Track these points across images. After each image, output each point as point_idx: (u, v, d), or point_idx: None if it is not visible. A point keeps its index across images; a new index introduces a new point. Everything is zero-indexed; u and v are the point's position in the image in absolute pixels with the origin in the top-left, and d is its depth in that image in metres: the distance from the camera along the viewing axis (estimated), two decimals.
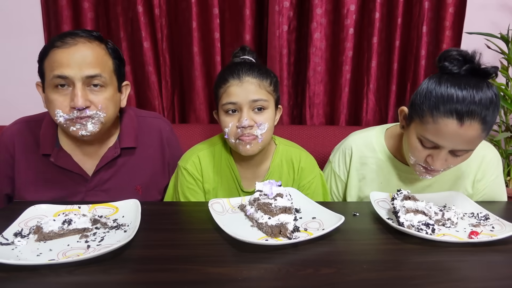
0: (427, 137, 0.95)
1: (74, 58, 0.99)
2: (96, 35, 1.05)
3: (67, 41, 1.00)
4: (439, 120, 0.92)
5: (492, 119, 0.92)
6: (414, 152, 1.01)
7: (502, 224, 0.90)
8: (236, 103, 1.03)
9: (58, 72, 0.98)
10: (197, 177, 1.15)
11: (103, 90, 1.03)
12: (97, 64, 1.01)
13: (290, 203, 0.89)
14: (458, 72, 0.94)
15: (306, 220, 0.91)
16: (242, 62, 1.09)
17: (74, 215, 0.84)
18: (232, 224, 0.86)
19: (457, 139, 0.92)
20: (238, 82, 1.04)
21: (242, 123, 1.03)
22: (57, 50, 0.99)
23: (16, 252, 0.73)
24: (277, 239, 0.81)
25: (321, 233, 0.81)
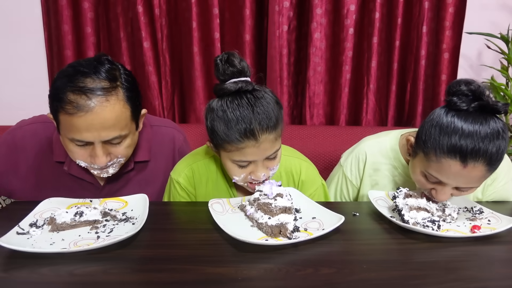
0: (430, 173, 0.93)
1: (91, 125, 0.89)
2: (110, 78, 0.91)
3: (81, 106, 0.87)
4: (442, 160, 0.89)
5: (501, 157, 0.89)
6: (418, 183, 1.00)
7: (497, 217, 0.93)
8: (251, 160, 0.94)
9: (76, 137, 0.90)
10: (190, 191, 1.10)
11: (123, 141, 0.97)
12: (116, 125, 0.92)
13: (290, 203, 0.89)
14: (466, 109, 0.90)
15: (306, 220, 0.91)
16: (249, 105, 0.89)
17: (85, 208, 0.89)
18: (232, 224, 0.86)
19: (461, 179, 0.90)
20: (255, 143, 0.89)
21: (259, 178, 0.95)
22: (71, 117, 0.88)
23: (31, 241, 0.79)
24: (277, 239, 0.81)
25: (321, 233, 0.81)
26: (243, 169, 0.96)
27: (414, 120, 1.90)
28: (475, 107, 0.89)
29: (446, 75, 1.84)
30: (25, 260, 0.72)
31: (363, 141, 1.23)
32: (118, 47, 1.78)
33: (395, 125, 1.93)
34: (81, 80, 0.88)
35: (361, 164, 1.19)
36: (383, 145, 1.18)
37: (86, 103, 0.87)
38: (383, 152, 1.18)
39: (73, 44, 1.78)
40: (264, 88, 0.95)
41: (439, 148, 0.89)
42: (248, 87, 0.91)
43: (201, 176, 1.10)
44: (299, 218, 0.92)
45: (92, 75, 0.90)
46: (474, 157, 0.86)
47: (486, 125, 0.87)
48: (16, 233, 0.80)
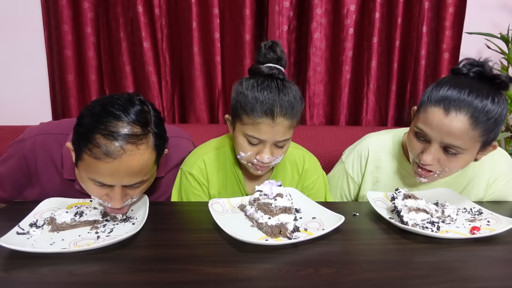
0: (418, 126, 0.96)
1: (117, 172, 0.84)
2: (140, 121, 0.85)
3: (111, 153, 0.81)
4: (428, 108, 0.94)
5: (487, 117, 0.89)
6: (410, 146, 1.02)
7: (496, 218, 0.93)
8: (262, 140, 0.98)
9: (98, 179, 0.85)
10: (203, 183, 1.12)
11: (142, 185, 0.93)
12: (140, 172, 0.88)
13: (290, 203, 0.89)
14: (466, 73, 0.94)
15: (306, 220, 0.91)
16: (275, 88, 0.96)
17: (85, 208, 0.90)
18: (232, 224, 0.86)
19: (443, 130, 0.91)
20: (271, 122, 0.95)
21: (263, 159, 0.99)
22: (99, 162, 0.82)
23: (31, 241, 0.79)
24: (277, 239, 0.81)
25: (321, 233, 0.81)
26: (252, 146, 1.00)
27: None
28: (475, 72, 0.93)
29: (446, 75, 1.83)
30: (25, 260, 0.72)
31: (366, 138, 1.23)
32: (118, 47, 1.78)
33: (395, 125, 1.93)
34: (112, 123, 0.82)
35: (363, 160, 1.19)
36: (386, 142, 1.18)
37: (116, 149, 0.81)
38: (386, 149, 1.18)
39: (73, 44, 1.78)
40: (293, 83, 1.02)
41: (427, 100, 0.94)
42: (279, 75, 0.99)
43: (212, 167, 1.13)
44: (299, 218, 0.92)
45: (124, 118, 0.83)
46: (456, 107, 0.89)
47: (477, 87, 0.90)
48: (16, 233, 0.80)
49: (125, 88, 1.82)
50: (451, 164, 0.96)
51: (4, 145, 1.60)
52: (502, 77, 0.90)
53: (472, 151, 0.94)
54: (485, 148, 0.97)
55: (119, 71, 1.80)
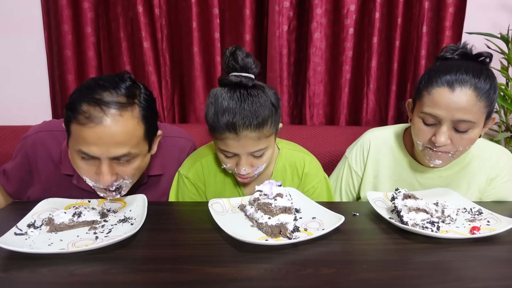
0: (425, 111, 0.99)
1: (101, 139, 0.85)
2: (129, 94, 0.88)
3: (94, 117, 0.83)
4: (433, 91, 0.98)
5: (486, 88, 0.95)
6: (419, 134, 1.04)
7: (496, 218, 0.93)
8: (234, 153, 0.97)
9: (84, 149, 0.86)
10: (199, 186, 1.11)
11: (132, 161, 0.92)
12: (126, 141, 0.88)
13: (290, 203, 0.89)
14: (451, 57, 1.03)
15: (306, 220, 0.91)
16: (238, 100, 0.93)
17: (84, 208, 0.89)
18: (232, 224, 0.86)
19: (452, 107, 0.95)
20: (235, 137, 0.93)
21: (240, 171, 0.99)
22: (83, 128, 0.84)
23: (29, 242, 0.79)
24: (277, 239, 0.81)
25: (321, 233, 0.81)
26: (229, 159, 1.00)
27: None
28: (459, 54, 1.02)
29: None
30: (25, 261, 0.72)
31: (368, 132, 1.26)
32: (118, 47, 1.78)
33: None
34: (98, 93, 0.85)
35: (365, 152, 1.22)
36: (387, 136, 1.21)
37: (98, 115, 0.84)
38: (387, 143, 1.20)
39: (73, 44, 1.78)
40: (266, 88, 0.98)
41: (429, 83, 0.99)
42: (247, 83, 0.94)
43: (210, 170, 1.12)
44: (299, 218, 0.92)
45: (111, 90, 0.86)
46: (460, 83, 0.95)
47: (470, 65, 0.98)
48: (14, 234, 0.80)
49: None
50: (463, 141, 0.99)
51: (4, 145, 1.60)
52: (484, 54, 1.01)
53: (480, 124, 0.99)
54: (487, 120, 1.01)
55: (119, 71, 1.79)
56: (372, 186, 1.21)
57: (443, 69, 0.98)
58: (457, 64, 0.99)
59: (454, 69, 0.97)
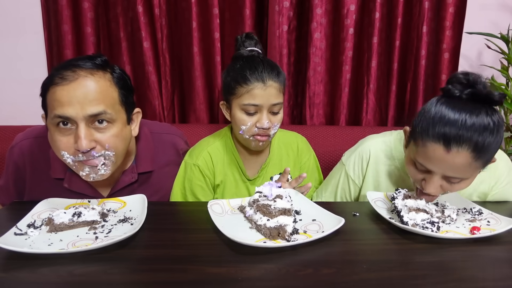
0: (418, 159, 0.93)
1: (74, 96, 0.88)
2: (100, 63, 0.95)
3: (66, 76, 0.89)
4: (427, 144, 0.89)
5: (488, 148, 0.86)
6: (409, 173, 0.99)
7: (496, 218, 0.92)
8: (258, 105, 1.08)
9: (59, 112, 0.88)
10: (207, 175, 1.17)
11: (110, 127, 0.93)
12: (100, 99, 0.90)
13: (290, 205, 0.88)
14: (459, 95, 0.89)
15: (306, 222, 0.91)
16: (260, 60, 1.12)
17: (83, 208, 0.89)
18: (231, 226, 0.86)
19: (445, 165, 0.88)
20: (263, 85, 1.07)
21: (263, 124, 1.09)
22: (56, 88, 0.89)
23: (29, 242, 0.79)
24: (276, 241, 0.81)
25: (320, 236, 0.81)
26: (250, 117, 1.10)
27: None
28: (468, 94, 0.88)
29: (446, 75, 1.83)
30: (25, 260, 0.72)
31: (367, 140, 1.21)
32: (118, 47, 1.78)
33: (395, 125, 1.92)
34: (72, 61, 0.94)
35: (364, 163, 1.18)
36: (387, 145, 1.17)
37: (71, 74, 0.90)
38: (388, 152, 1.16)
39: (73, 44, 1.78)
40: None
41: (425, 133, 0.89)
42: (260, 55, 1.15)
43: (217, 157, 1.20)
44: (299, 220, 0.92)
45: (86, 59, 0.94)
46: (457, 143, 0.85)
47: (475, 115, 0.85)
48: (14, 234, 0.80)
49: None
50: (454, 188, 0.94)
51: (4, 145, 1.60)
52: (495, 97, 0.87)
53: (474, 176, 0.93)
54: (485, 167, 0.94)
55: None
56: None
57: (443, 118, 0.87)
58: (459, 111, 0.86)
59: (454, 123, 0.85)
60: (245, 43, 1.18)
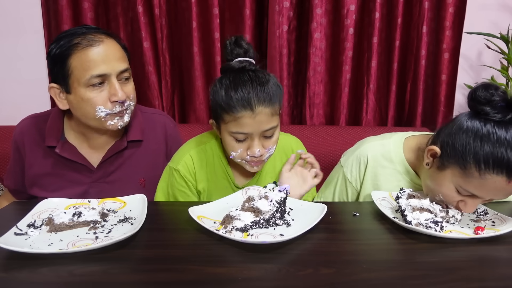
0: (468, 189, 0.88)
1: (106, 55, 1.00)
2: (107, 32, 1.06)
3: (92, 39, 1.00)
4: (487, 176, 0.84)
5: None
6: (446, 197, 0.94)
7: (501, 218, 0.91)
8: (248, 133, 0.98)
9: (96, 71, 0.99)
10: (189, 179, 1.10)
11: (130, 81, 1.08)
12: (123, 58, 1.06)
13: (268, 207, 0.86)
14: (501, 120, 0.84)
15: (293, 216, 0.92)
16: (248, 80, 0.96)
17: (84, 208, 0.89)
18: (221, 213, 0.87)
19: (502, 193, 0.87)
20: (251, 114, 0.94)
21: (254, 153, 0.99)
22: (88, 50, 0.99)
23: (29, 242, 0.78)
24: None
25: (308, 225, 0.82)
26: (240, 143, 0.99)
27: (414, 121, 1.90)
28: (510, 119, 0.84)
29: (446, 75, 1.84)
30: (25, 260, 0.72)
31: (365, 142, 1.19)
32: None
33: (395, 125, 1.93)
34: (83, 29, 1.02)
35: (362, 166, 1.15)
36: (386, 148, 1.14)
37: (96, 37, 1.00)
38: (386, 155, 1.13)
39: None
40: (266, 72, 1.02)
41: (484, 164, 0.83)
42: (251, 67, 0.99)
43: (200, 162, 1.12)
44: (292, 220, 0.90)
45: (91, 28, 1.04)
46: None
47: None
48: (14, 234, 0.80)
49: None
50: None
51: (4, 145, 1.60)
52: None
53: None
54: None
55: None
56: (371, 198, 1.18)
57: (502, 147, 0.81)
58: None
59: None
60: (234, 52, 1.01)
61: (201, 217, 0.87)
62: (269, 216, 0.85)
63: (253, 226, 0.84)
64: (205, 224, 0.83)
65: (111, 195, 1.00)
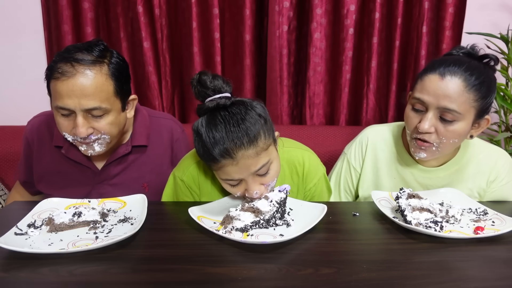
0: (415, 95, 1.02)
1: (73, 91, 0.96)
2: (98, 54, 1.00)
3: (65, 72, 0.96)
4: (424, 77, 1.01)
5: (479, 84, 0.97)
6: (407, 120, 1.06)
7: (501, 218, 0.92)
8: (239, 179, 0.90)
9: (60, 103, 0.98)
10: (194, 190, 1.08)
11: (105, 116, 1.02)
12: (96, 95, 0.98)
13: (268, 207, 0.87)
14: (456, 54, 1.04)
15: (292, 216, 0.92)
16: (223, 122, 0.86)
17: (84, 208, 0.90)
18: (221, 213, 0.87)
19: (439, 93, 0.97)
20: (232, 161, 0.86)
21: (252, 195, 0.91)
22: (57, 82, 0.97)
23: (30, 242, 0.79)
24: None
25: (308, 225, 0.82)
26: (236, 187, 0.93)
27: None
28: (464, 52, 1.04)
29: None
30: (25, 260, 0.72)
31: (366, 129, 1.27)
32: (118, 47, 1.78)
33: None
34: (73, 53, 0.98)
35: (363, 148, 1.22)
36: (386, 133, 1.22)
37: (69, 69, 0.96)
38: (386, 139, 1.21)
39: None
40: (248, 102, 0.91)
41: (424, 72, 1.02)
42: (226, 102, 0.88)
43: (206, 172, 1.08)
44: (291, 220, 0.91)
45: (84, 51, 0.99)
46: (451, 71, 0.97)
47: (472, 61, 1.00)
48: (14, 234, 0.80)
49: None
50: (448, 133, 1.00)
51: (4, 145, 1.60)
52: (490, 56, 1.02)
53: (467, 118, 0.99)
54: (479, 119, 1.02)
55: None
56: (371, 183, 1.21)
57: (440, 60, 1.02)
58: (456, 58, 1.01)
59: (450, 61, 1.00)
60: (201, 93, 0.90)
61: (201, 217, 0.88)
62: (269, 216, 0.86)
63: (253, 226, 0.84)
64: (205, 225, 0.83)
65: None
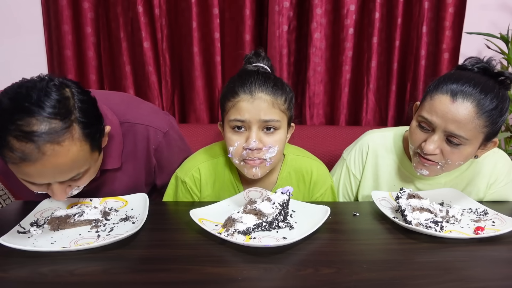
0: (423, 114, 0.98)
1: (44, 171, 0.76)
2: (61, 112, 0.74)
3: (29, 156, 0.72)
4: (435, 97, 0.96)
5: (491, 110, 0.92)
6: (411, 136, 1.02)
7: (502, 218, 0.92)
8: (245, 120, 0.92)
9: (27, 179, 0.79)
10: (195, 192, 1.08)
11: (84, 176, 0.86)
12: (72, 167, 0.80)
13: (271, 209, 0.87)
14: (470, 68, 0.99)
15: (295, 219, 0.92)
16: (255, 72, 0.96)
17: (86, 207, 0.90)
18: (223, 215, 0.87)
19: (448, 116, 0.92)
20: (250, 97, 0.91)
21: (249, 144, 0.92)
22: (18, 166, 0.75)
23: (32, 240, 0.79)
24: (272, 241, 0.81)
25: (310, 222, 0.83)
26: (238, 135, 0.95)
27: None
28: (480, 67, 0.98)
29: None
30: (25, 260, 0.72)
31: (366, 134, 1.23)
32: (118, 47, 1.78)
33: (395, 125, 1.92)
34: (24, 120, 0.70)
35: (364, 155, 1.19)
36: (387, 139, 1.18)
37: (33, 152, 0.71)
38: (386, 146, 1.18)
39: (73, 44, 1.78)
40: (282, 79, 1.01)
41: (435, 89, 0.97)
42: (264, 70, 0.99)
43: (208, 177, 1.08)
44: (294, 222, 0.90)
45: (38, 113, 0.71)
46: (463, 95, 0.92)
47: (484, 79, 0.94)
48: (17, 232, 0.81)
49: (125, 88, 1.82)
50: (454, 156, 0.96)
51: None
52: (505, 74, 0.95)
53: (474, 143, 0.96)
54: (486, 142, 0.98)
55: (119, 71, 1.80)
56: (371, 189, 1.19)
57: (453, 77, 0.96)
58: (470, 76, 0.95)
59: (464, 80, 0.94)
60: (251, 60, 1.03)
61: (202, 220, 0.87)
62: (271, 218, 0.85)
63: (255, 228, 0.84)
64: (206, 227, 0.83)
65: None
